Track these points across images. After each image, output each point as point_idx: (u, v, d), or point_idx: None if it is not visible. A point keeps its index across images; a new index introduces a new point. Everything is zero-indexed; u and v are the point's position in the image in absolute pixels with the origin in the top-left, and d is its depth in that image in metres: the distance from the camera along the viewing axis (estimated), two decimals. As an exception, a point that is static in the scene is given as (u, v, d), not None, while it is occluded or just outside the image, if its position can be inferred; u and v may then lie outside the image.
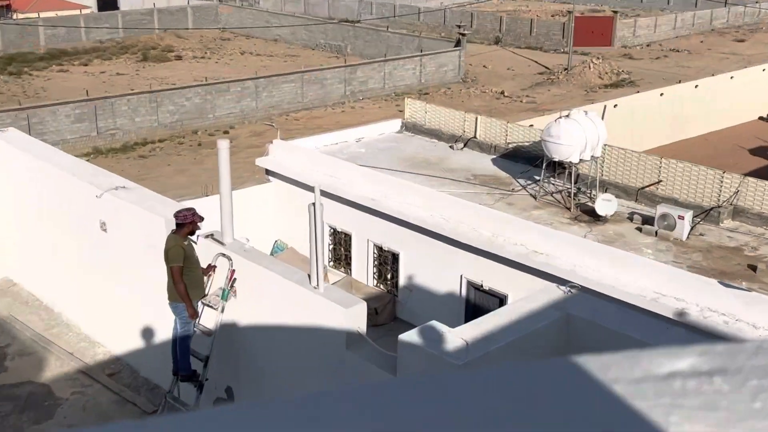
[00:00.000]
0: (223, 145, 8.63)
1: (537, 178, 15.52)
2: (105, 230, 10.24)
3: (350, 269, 15.38)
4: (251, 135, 29.73)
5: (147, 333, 10.31)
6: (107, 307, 11.08)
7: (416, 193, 13.83)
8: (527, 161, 16.40)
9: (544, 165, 15.03)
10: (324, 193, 9.58)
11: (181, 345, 8.47)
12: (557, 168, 15.35)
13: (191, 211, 8.17)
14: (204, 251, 8.82)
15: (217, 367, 8.71)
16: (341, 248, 15.68)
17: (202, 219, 8.23)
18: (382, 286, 14.90)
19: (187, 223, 8.08)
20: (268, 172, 16.56)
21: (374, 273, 14.95)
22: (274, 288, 8.22)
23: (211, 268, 8.68)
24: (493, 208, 13.75)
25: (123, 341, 10.99)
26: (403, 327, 12.65)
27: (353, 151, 17.52)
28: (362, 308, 7.59)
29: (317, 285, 7.78)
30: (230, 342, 8.84)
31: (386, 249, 14.45)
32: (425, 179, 15.68)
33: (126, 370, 10.84)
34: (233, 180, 9.12)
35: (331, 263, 15.86)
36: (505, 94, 35.79)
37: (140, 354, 10.63)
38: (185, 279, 8.22)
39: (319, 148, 17.37)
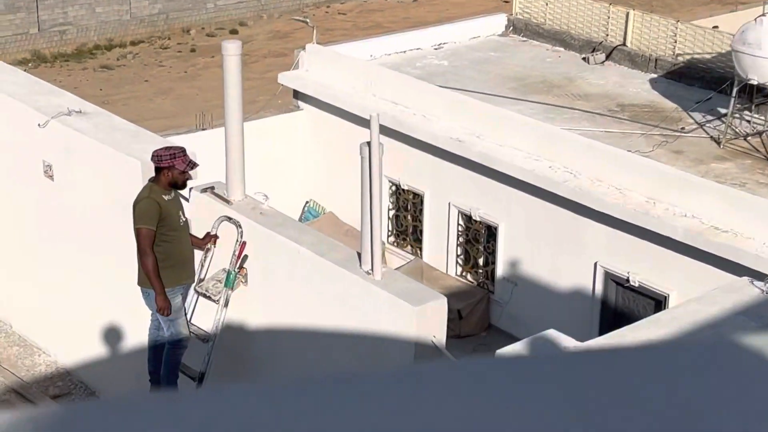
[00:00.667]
0: (231, 49, 8.78)
1: (723, 111, 15.29)
2: (51, 177, 10.55)
3: (421, 249, 15.59)
4: (272, 37, 30.04)
5: (112, 337, 10.65)
6: (53, 297, 11.46)
7: (527, 133, 13.85)
8: (707, 84, 16.17)
9: (734, 91, 14.79)
10: (384, 130, 9.67)
11: (166, 357, 8.73)
12: (756, 96, 15.11)
13: (176, 151, 8.37)
14: (200, 213, 9.04)
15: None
16: (408, 216, 15.87)
17: (194, 165, 8.44)
18: (469, 277, 15.05)
19: (166, 168, 8.30)
20: (297, 94, 16.79)
21: (458, 256, 15.12)
22: (305, 272, 8.39)
23: (211, 238, 8.90)
24: (650, 157, 13.66)
25: (75, 348, 11.37)
26: (501, 339, 12.85)
27: (431, 65, 17.59)
28: (440, 307, 7.70)
29: (371, 270, 7.91)
30: (237, 351, 9.07)
31: (478, 219, 14.58)
32: (542, 110, 15.67)
33: (78, 391, 11.22)
34: (245, 106, 9.28)
35: (392, 239, 16.08)
36: (674, -23, 35.05)
37: (100, 368, 10.99)
38: (161, 250, 8.44)
39: (376, 58, 17.50)
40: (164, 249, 8.42)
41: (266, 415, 1.09)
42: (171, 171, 8.26)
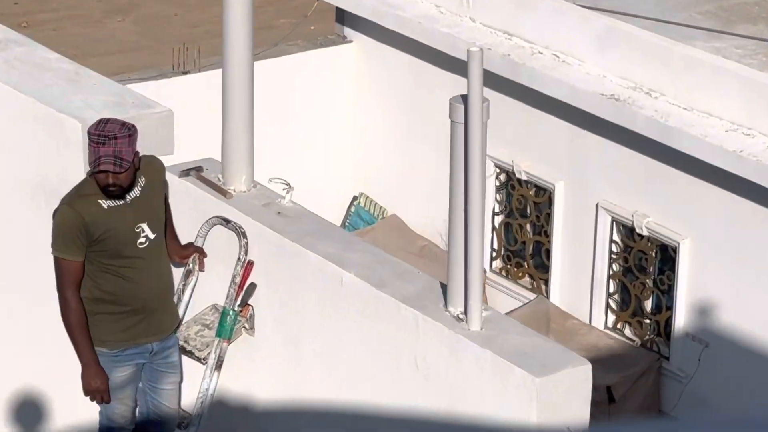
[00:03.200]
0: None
1: None
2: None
3: (547, 282, 15.61)
4: None
5: (32, 414, 10.75)
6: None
7: (734, 88, 13.84)
8: None
9: None
10: (489, 78, 9.62)
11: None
12: None
13: (107, 130, 8.33)
14: (179, 211, 9.08)
15: None
16: (526, 226, 15.83)
17: (112, 163, 8.31)
18: (628, 331, 15.00)
19: (106, 163, 8.27)
20: (343, 16, 16.84)
21: (610, 295, 15.10)
22: (352, 314, 8.39)
23: (193, 253, 8.95)
24: None
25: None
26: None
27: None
28: (580, 378, 7.69)
29: (464, 314, 7.90)
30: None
31: (646, 233, 14.54)
32: (759, 50, 15.52)
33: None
34: (258, 33, 9.29)
35: (499, 263, 16.04)
36: None
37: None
38: (98, 290, 8.50)
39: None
40: (105, 287, 8.46)
41: None
42: (100, 164, 8.27)
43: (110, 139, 8.15)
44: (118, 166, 8.13)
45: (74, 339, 8.39)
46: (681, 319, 14.35)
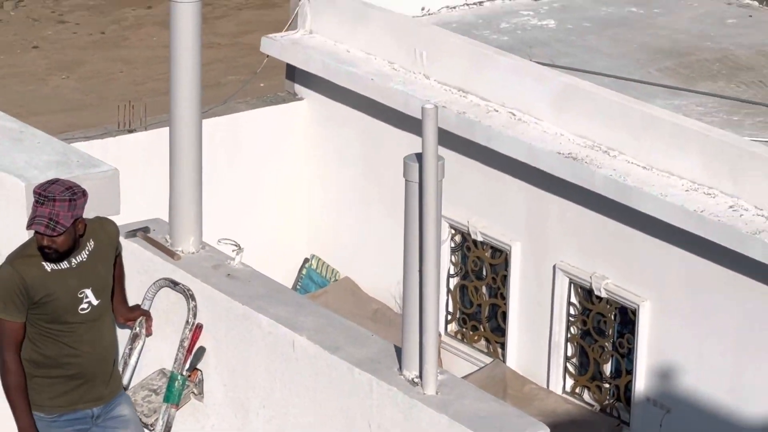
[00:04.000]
0: (186, -8, 8.86)
1: None
2: None
3: (504, 345, 15.59)
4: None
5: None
6: None
7: (693, 146, 13.87)
8: None
9: None
10: (444, 136, 9.64)
11: None
12: None
13: (47, 191, 8.30)
14: (127, 273, 9.06)
15: None
16: (482, 289, 15.84)
17: (42, 225, 8.28)
18: (587, 396, 15.01)
19: (39, 223, 8.24)
20: (293, 72, 16.87)
21: (568, 358, 15.11)
22: (304, 379, 8.38)
23: (139, 316, 8.94)
24: None
25: None
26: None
27: (526, 26, 17.70)
28: (538, 446, 7.69)
29: (419, 378, 7.91)
30: None
31: (604, 295, 14.57)
32: (719, 108, 15.62)
33: None
34: (206, 91, 9.31)
35: (454, 326, 16.04)
36: None
37: None
38: (38, 353, 8.46)
39: (432, 13, 17.59)
40: (44, 351, 8.42)
41: None
42: (41, 225, 8.23)
43: (49, 200, 8.13)
44: (51, 229, 8.07)
45: (11, 402, 8.36)
46: (641, 383, 14.36)
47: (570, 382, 15.11)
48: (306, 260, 16.96)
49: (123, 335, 8.92)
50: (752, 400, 13.52)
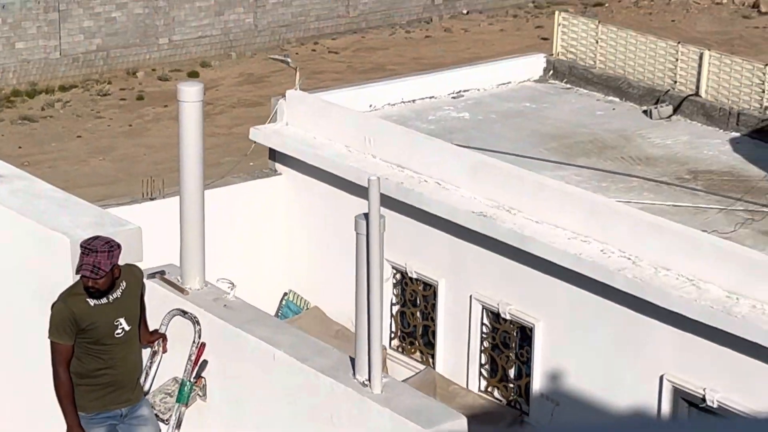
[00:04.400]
0: (190, 94, 8.84)
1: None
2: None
3: (433, 356, 15.56)
4: (243, 81, 30.29)
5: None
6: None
7: (573, 206, 13.92)
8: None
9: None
10: (386, 201, 9.73)
11: None
12: None
13: (85, 245, 8.29)
14: (148, 306, 9.05)
15: None
16: (417, 314, 15.84)
17: (84, 270, 8.24)
18: (497, 393, 15.00)
19: (85, 270, 8.23)
20: (274, 154, 16.88)
21: (482, 365, 15.09)
22: (282, 383, 8.38)
23: (158, 338, 8.91)
24: (732, 239, 13.68)
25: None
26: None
27: (448, 118, 17.73)
28: (460, 430, 7.68)
29: (368, 380, 7.91)
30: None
31: (508, 317, 14.58)
32: (592, 178, 15.72)
33: None
34: (208, 169, 9.32)
35: (396, 342, 16.01)
36: (762, 8, 35.50)
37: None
38: (82, 367, 8.42)
39: (377, 108, 17.63)
40: (87, 365, 8.40)
41: None
42: (90, 273, 8.24)
43: (92, 252, 8.14)
44: (95, 274, 8.10)
45: (62, 406, 8.35)
46: (537, 383, 14.37)
47: (483, 383, 15.09)
48: (285, 294, 16.92)
49: (145, 352, 8.91)
50: (620, 395, 13.54)
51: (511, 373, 14.87)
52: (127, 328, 8.53)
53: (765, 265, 12.64)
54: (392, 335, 16.06)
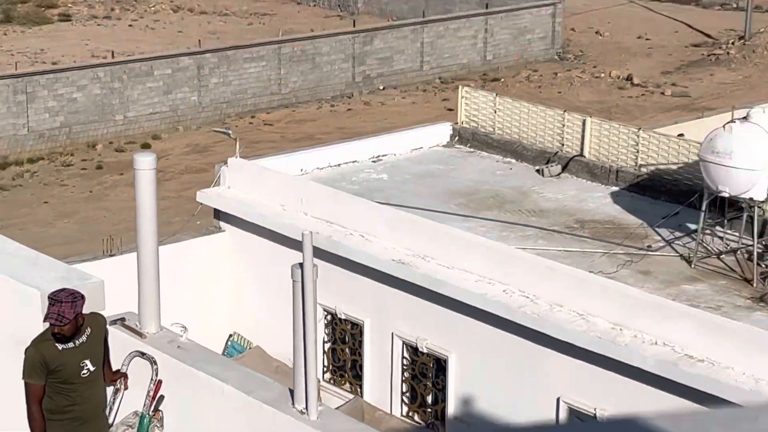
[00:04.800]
0: (145, 163, 8.83)
1: (692, 227, 15.59)
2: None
3: (361, 386, 15.51)
4: (189, 151, 30.23)
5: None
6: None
7: (478, 253, 13.99)
8: (674, 197, 16.51)
9: (704, 204, 15.10)
10: (318, 252, 9.74)
11: None
12: (727, 209, 15.43)
13: (52, 296, 8.22)
14: (111, 348, 8.96)
15: None
16: (345, 349, 15.81)
17: (50, 318, 8.19)
18: (417, 417, 14.97)
19: (51, 317, 8.16)
20: (218, 214, 16.83)
21: (403, 393, 15.06)
22: (231, 413, 8.32)
23: (120, 377, 8.82)
24: (615, 278, 13.82)
25: None
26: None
27: (369, 179, 17.79)
28: (384, 450, 7.70)
29: (305, 409, 7.89)
30: None
31: (425, 351, 14.59)
32: (494, 228, 15.84)
33: None
34: (160, 227, 9.28)
35: (328, 375, 15.96)
36: (635, 80, 36.14)
37: None
38: (53, 404, 8.33)
39: (307, 172, 17.66)
40: (57, 402, 8.30)
41: None
42: (56, 321, 8.17)
43: (57, 302, 8.06)
44: (60, 321, 8.02)
45: None
46: (451, 407, 14.37)
47: (405, 408, 15.07)
48: (230, 335, 16.83)
49: (109, 390, 8.81)
50: (523, 415, 13.57)
51: (429, 399, 14.85)
52: (92, 368, 8.43)
53: (644, 300, 12.78)
54: (325, 369, 16.00)
